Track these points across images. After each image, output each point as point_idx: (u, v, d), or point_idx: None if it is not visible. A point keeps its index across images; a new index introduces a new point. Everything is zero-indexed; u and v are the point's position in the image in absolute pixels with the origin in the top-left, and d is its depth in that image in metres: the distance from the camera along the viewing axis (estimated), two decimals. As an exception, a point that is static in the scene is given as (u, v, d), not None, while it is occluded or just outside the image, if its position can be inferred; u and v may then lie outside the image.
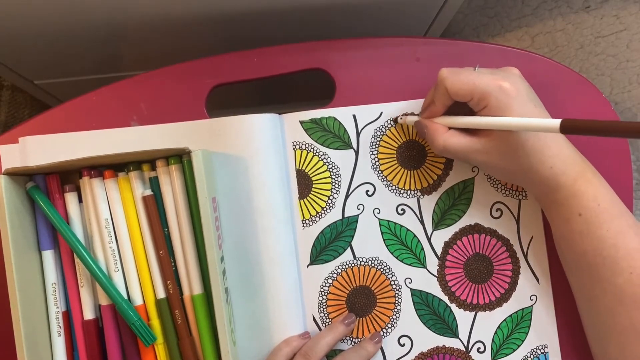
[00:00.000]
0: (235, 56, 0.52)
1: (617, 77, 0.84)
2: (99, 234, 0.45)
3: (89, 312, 0.46)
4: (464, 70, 0.44)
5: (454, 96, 0.44)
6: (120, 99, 0.51)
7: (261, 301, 0.50)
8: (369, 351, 0.50)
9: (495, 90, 0.42)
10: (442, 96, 0.45)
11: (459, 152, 0.45)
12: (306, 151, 0.51)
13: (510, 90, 0.42)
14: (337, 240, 0.51)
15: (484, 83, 0.43)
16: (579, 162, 0.44)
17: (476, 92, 0.43)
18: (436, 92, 0.45)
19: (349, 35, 0.55)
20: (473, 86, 0.43)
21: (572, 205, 0.44)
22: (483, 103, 0.43)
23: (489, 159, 0.44)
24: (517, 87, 0.43)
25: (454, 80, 0.43)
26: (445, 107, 0.46)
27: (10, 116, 1.06)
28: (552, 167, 0.43)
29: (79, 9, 0.56)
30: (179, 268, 0.46)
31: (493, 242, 0.52)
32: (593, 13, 0.86)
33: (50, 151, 0.49)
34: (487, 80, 0.43)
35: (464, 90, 0.43)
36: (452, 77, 0.43)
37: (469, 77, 0.43)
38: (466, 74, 0.44)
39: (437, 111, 0.46)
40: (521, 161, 0.43)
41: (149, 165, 0.46)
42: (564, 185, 0.44)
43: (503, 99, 0.42)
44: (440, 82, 0.44)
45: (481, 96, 0.42)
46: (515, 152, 0.43)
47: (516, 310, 0.52)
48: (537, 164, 0.43)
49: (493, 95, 0.42)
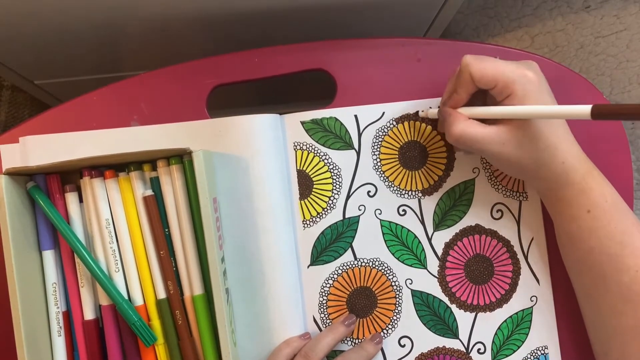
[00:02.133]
0: (236, 56, 0.52)
1: (617, 77, 0.84)
2: (100, 234, 0.45)
3: (89, 312, 0.45)
4: (487, 57, 0.44)
5: (478, 82, 0.43)
6: (121, 99, 0.51)
7: (262, 302, 0.49)
8: (369, 352, 0.50)
9: (520, 78, 0.42)
10: (466, 83, 0.44)
11: (474, 142, 0.44)
12: (307, 152, 0.51)
13: (534, 80, 0.42)
14: (337, 241, 0.51)
15: (509, 70, 0.42)
16: (585, 160, 0.45)
17: (501, 78, 0.42)
18: (459, 80, 0.44)
19: (348, 35, 0.55)
20: (498, 73, 0.42)
21: (581, 202, 0.44)
22: (507, 91, 0.42)
23: (504, 150, 0.43)
24: (539, 78, 0.43)
25: (479, 67, 0.43)
26: (468, 95, 0.45)
27: (10, 116, 1.06)
28: (564, 162, 0.43)
29: (79, 9, 0.56)
30: (179, 268, 0.46)
31: (494, 243, 0.52)
32: (593, 13, 0.86)
33: (50, 151, 0.49)
34: (512, 68, 0.42)
35: (489, 77, 0.42)
36: (477, 64, 0.43)
37: (494, 64, 0.43)
38: (490, 60, 0.43)
39: (460, 99, 0.45)
40: (536, 154, 0.43)
41: (149, 165, 0.46)
42: (573, 181, 0.44)
43: (528, 88, 0.42)
44: (463, 69, 0.43)
45: (506, 83, 0.42)
46: (531, 144, 0.43)
47: (516, 311, 0.52)
48: (550, 158, 0.43)
49: (518, 83, 0.42)
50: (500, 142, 0.43)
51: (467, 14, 0.95)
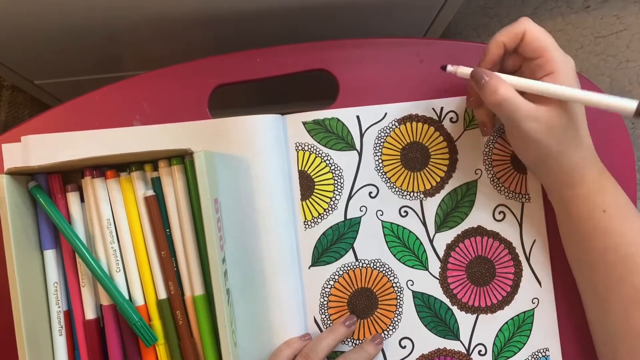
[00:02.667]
0: (238, 56, 0.52)
1: (617, 77, 0.85)
2: (101, 234, 0.45)
3: (90, 312, 0.45)
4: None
5: (527, 44, 0.42)
6: (123, 99, 0.51)
7: (262, 302, 0.49)
8: (369, 353, 0.50)
9: (566, 60, 0.42)
10: (514, 37, 0.43)
11: (515, 110, 0.42)
12: (309, 152, 0.51)
13: (574, 70, 0.43)
14: (339, 242, 0.51)
15: (558, 49, 0.42)
16: (599, 161, 0.45)
17: (550, 52, 0.42)
18: (509, 31, 0.43)
19: (348, 35, 0.55)
20: (550, 45, 0.42)
21: (597, 201, 0.44)
22: (550, 67, 0.42)
23: (537, 128, 0.42)
24: (575, 72, 0.43)
25: (536, 29, 0.42)
26: (505, 52, 0.44)
27: (10, 116, 1.06)
28: (584, 157, 0.44)
29: (79, 9, 0.56)
30: (180, 269, 0.46)
31: (495, 244, 0.52)
32: (593, 13, 0.86)
33: (52, 150, 0.49)
34: (561, 50, 0.43)
35: (540, 42, 0.42)
36: (535, 26, 0.43)
37: (549, 36, 0.43)
38: (546, 32, 0.43)
39: (498, 53, 0.44)
40: (561, 141, 0.43)
41: (151, 165, 0.46)
42: (590, 179, 0.44)
43: (570, 73, 0.42)
44: (519, 23, 0.43)
45: (552, 58, 0.42)
46: (562, 130, 0.42)
47: (518, 313, 0.52)
48: (572, 150, 0.43)
49: (564, 64, 0.42)
50: (535, 118, 0.42)
51: (467, 14, 0.95)
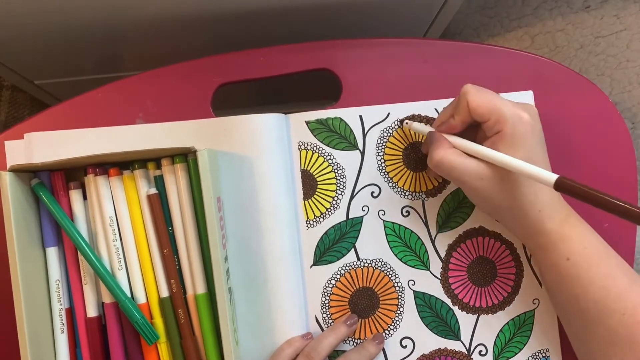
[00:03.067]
0: (241, 55, 0.52)
1: (617, 77, 0.85)
2: (103, 232, 0.45)
3: (92, 310, 0.45)
4: (488, 90, 0.44)
5: (473, 113, 0.43)
6: (126, 96, 0.51)
7: (264, 301, 0.49)
8: (370, 352, 0.50)
9: (514, 117, 0.42)
10: (462, 111, 0.44)
11: (452, 169, 0.44)
12: (311, 152, 0.51)
13: (528, 124, 0.42)
14: (341, 241, 0.51)
15: (505, 107, 0.42)
16: (564, 207, 0.44)
17: (495, 114, 0.42)
18: (457, 107, 0.44)
19: (348, 35, 0.55)
20: (494, 107, 0.42)
21: (560, 249, 0.44)
22: (498, 127, 0.42)
23: (483, 186, 0.43)
24: (534, 123, 0.43)
25: (477, 97, 0.43)
26: (463, 124, 0.44)
27: (10, 116, 1.05)
28: (540, 210, 0.43)
29: (79, 9, 0.56)
30: (182, 267, 0.46)
31: (497, 245, 0.52)
32: (593, 13, 0.86)
33: (55, 148, 0.49)
34: (509, 106, 0.42)
35: (484, 109, 0.42)
36: (476, 94, 0.43)
37: (492, 98, 0.43)
38: (489, 93, 0.43)
39: (454, 126, 0.45)
40: (513, 197, 0.43)
41: (154, 163, 0.46)
42: (551, 229, 0.44)
43: (519, 129, 0.42)
44: (462, 96, 0.43)
45: (499, 119, 0.42)
46: (510, 187, 0.43)
47: (519, 313, 0.52)
48: (527, 204, 0.43)
49: (510, 122, 0.42)
50: (480, 177, 0.43)
51: (467, 14, 0.95)
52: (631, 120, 0.83)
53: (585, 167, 0.52)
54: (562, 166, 0.51)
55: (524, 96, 0.51)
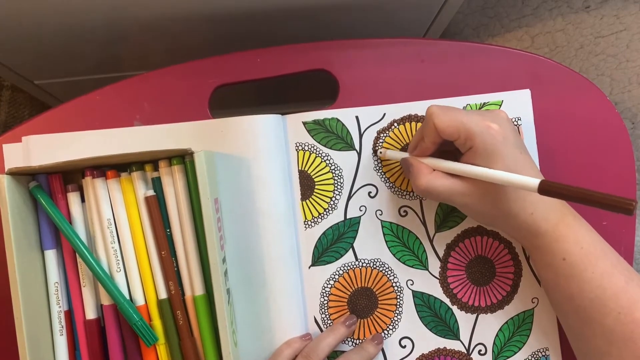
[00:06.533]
0: (238, 56, 0.52)
1: (617, 77, 0.85)
2: (102, 234, 0.45)
3: (91, 312, 0.46)
4: (454, 108, 0.44)
5: (441, 134, 0.43)
6: (123, 98, 0.51)
7: (263, 302, 0.49)
8: (370, 352, 0.50)
9: (482, 130, 0.42)
10: (431, 133, 0.44)
11: (441, 194, 0.44)
12: (309, 152, 0.51)
13: (498, 133, 0.42)
14: (339, 242, 0.51)
15: (472, 122, 0.42)
16: (558, 207, 0.44)
17: (463, 131, 0.42)
18: (425, 129, 0.44)
19: (348, 35, 0.55)
20: (461, 125, 0.42)
21: (555, 250, 0.44)
22: (469, 143, 0.42)
23: (471, 202, 0.44)
24: (505, 130, 0.43)
25: (443, 118, 0.43)
26: (434, 145, 0.45)
27: (10, 116, 1.06)
28: (532, 213, 0.43)
29: (79, 9, 0.56)
30: (180, 269, 0.46)
31: (495, 244, 0.52)
32: (593, 13, 0.86)
33: (53, 150, 0.49)
34: (476, 120, 0.42)
35: (451, 128, 0.42)
36: (441, 115, 0.43)
37: (457, 116, 0.43)
38: (455, 112, 0.43)
39: (426, 149, 0.45)
40: (502, 206, 0.43)
41: (151, 165, 0.46)
42: (546, 230, 0.44)
43: (489, 141, 0.42)
44: (428, 119, 0.44)
45: (468, 136, 0.42)
46: (496, 197, 0.43)
47: (518, 312, 0.52)
48: (517, 210, 0.43)
49: (479, 137, 0.42)
50: (466, 194, 0.44)
51: (467, 14, 0.95)
52: (631, 120, 0.83)
53: (585, 167, 0.52)
54: (562, 166, 0.51)
55: (521, 94, 0.51)
